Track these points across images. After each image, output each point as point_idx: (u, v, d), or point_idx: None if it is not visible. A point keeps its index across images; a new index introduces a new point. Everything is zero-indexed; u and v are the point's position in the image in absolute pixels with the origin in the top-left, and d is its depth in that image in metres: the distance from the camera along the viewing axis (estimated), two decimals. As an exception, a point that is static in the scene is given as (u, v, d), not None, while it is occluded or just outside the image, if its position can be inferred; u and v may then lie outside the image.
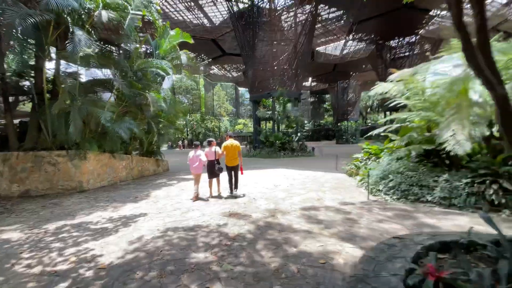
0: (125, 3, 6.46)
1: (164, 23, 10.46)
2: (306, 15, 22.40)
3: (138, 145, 10.47)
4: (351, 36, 31.01)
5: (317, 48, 34.45)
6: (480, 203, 4.72)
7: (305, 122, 21.96)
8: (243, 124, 56.26)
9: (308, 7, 22.17)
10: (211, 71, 42.95)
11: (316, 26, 26.51)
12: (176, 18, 24.27)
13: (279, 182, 8.31)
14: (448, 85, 5.29)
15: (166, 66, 8.71)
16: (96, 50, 6.50)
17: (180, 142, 36.53)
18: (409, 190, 5.64)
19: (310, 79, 48.59)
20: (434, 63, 6.62)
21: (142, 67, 8.35)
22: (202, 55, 35.01)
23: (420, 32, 28.24)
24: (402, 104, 9.24)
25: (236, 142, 7.02)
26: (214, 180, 6.79)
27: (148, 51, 12.07)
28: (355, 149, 27.76)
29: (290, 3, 22.36)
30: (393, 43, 30.71)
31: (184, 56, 9.53)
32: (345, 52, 36.14)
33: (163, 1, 21.79)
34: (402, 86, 8.03)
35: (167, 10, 22.89)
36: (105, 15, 6.19)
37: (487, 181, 4.84)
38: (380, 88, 8.66)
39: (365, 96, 64.49)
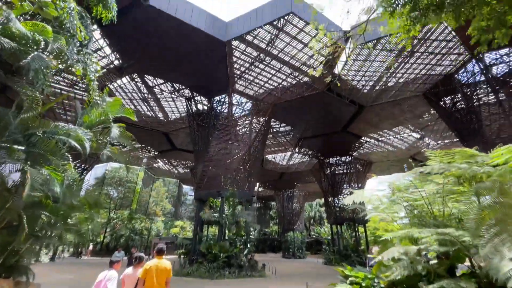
0: (31, 35, 4.37)
1: (100, 91, 8.53)
2: (260, 124, 23.92)
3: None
4: (297, 150, 33.90)
5: (266, 156, 36.09)
6: None
7: (252, 230, 19.00)
8: (181, 228, 48.88)
9: (262, 118, 23.94)
10: (155, 165, 39.84)
11: (268, 136, 28.39)
12: (127, 105, 23.18)
13: None
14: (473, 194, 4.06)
15: (84, 135, 6.11)
16: None
17: (81, 249, 26.18)
18: None
19: (257, 184, 48.91)
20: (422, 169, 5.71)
21: (42, 131, 5.58)
22: (149, 147, 32.82)
23: (353, 154, 32.53)
24: (369, 216, 7.88)
25: (165, 264, 4.06)
26: None
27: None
28: (307, 266, 24.49)
29: (246, 112, 24.00)
30: (332, 160, 34.19)
31: (116, 130, 7.16)
32: (291, 162, 38.68)
33: (117, 87, 21.02)
34: (383, 195, 6.82)
35: (119, 96, 21.87)
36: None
37: None
38: (356, 196, 7.33)
39: (308, 207, 66.67)
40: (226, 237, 17.79)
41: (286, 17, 14.34)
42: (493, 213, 3.75)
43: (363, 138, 28.58)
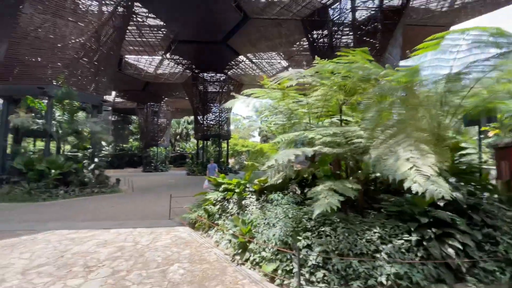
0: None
1: None
2: (118, 4, 17.16)
3: None
4: (168, 55, 28.78)
5: (127, 56, 28.71)
6: (447, 277, 3.06)
7: (104, 144, 15.03)
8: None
9: (122, -4, 17.12)
10: None
11: (130, 28, 21.57)
12: None
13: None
14: (377, 94, 3.69)
15: None
16: None
17: None
18: (347, 267, 3.12)
19: (114, 93, 40.12)
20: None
21: None
22: None
23: (228, 72, 31.82)
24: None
25: None
26: None
27: None
28: (170, 177, 24.32)
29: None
30: (207, 76, 32.23)
31: None
32: (160, 71, 33.19)
33: None
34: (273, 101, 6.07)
35: None
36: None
37: (433, 236, 3.36)
38: (242, 101, 6.24)
39: (175, 123, 64.65)
40: (63, 151, 13.33)
41: None
42: (390, 115, 3.57)
43: (240, 56, 27.80)
